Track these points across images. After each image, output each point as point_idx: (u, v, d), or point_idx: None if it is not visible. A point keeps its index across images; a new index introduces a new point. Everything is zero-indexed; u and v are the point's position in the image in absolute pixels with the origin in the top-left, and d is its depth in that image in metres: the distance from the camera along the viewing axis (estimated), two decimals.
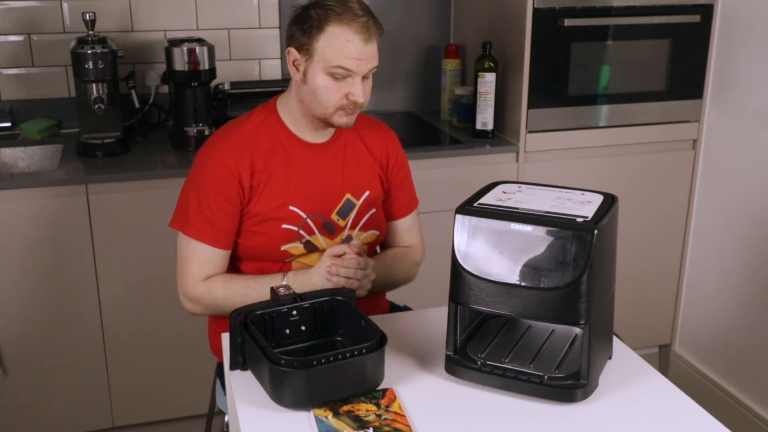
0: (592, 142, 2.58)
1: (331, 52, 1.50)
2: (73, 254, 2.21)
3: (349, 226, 1.67)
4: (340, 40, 1.50)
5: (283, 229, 1.61)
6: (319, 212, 1.63)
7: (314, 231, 1.64)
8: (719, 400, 2.66)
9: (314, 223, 1.63)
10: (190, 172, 1.64)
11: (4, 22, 2.53)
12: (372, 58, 1.54)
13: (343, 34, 1.50)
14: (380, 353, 1.29)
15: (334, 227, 1.65)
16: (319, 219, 1.63)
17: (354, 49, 1.50)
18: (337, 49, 1.50)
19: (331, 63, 1.51)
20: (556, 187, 1.40)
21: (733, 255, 2.62)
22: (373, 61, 1.55)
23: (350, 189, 1.67)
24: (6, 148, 2.51)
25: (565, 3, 2.42)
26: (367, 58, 1.53)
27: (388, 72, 2.96)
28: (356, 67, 1.52)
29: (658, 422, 1.26)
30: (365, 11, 1.54)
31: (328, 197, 1.65)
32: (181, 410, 2.44)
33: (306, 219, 1.62)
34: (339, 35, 1.50)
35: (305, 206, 1.62)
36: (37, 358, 2.28)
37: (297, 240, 1.62)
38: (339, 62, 1.51)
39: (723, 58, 2.60)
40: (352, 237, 1.67)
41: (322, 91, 1.54)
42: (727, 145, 2.61)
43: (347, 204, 1.66)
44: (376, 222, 1.71)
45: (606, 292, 1.33)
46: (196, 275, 1.59)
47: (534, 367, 1.34)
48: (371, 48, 1.53)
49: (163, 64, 2.51)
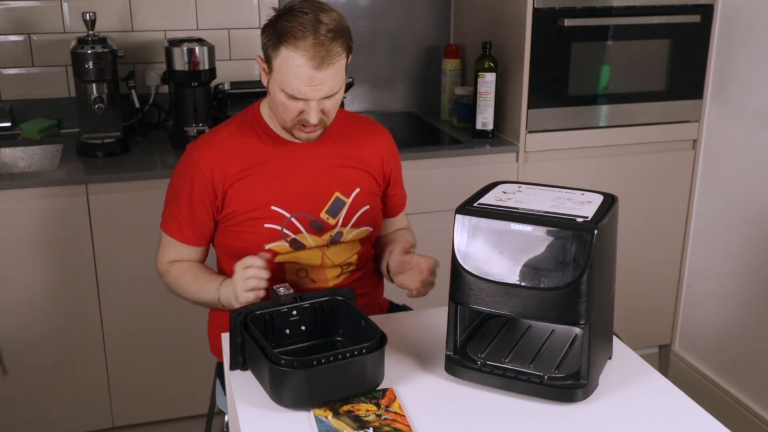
0: (592, 142, 2.58)
1: (284, 76, 1.49)
2: (73, 254, 2.21)
3: (340, 223, 1.67)
4: (292, 65, 1.47)
5: (266, 228, 1.62)
6: (306, 211, 1.64)
7: (300, 230, 1.64)
8: (719, 400, 2.66)
9: (300, 222, 1.64)
10: (173, 173, 1.71)
11: (4, 22, 2.53)
12: (328, 83, 1.50)
13: (295, 60, 1.46)
14: (380, 353, 1.29)
15: (323, 225, 1.66)
16: (306, 218, 1.64)
17: (305, 75, 1.47)
18: (289, 74, 1.48)
19: (282, 85, 1.50)
20: (556, 187, 1.40)
21: (733, 255, 2.62)
22: (329, 87, 1.51)
23: (339, 187, 1.67)
24: (6, 148, 2.51)
25: (565, 3, 2.42)
26: (320, 84, 1.49)
27: (388, 72, 2.96)
28: (307, 94, 1.49)
29: (658, 422, 1.26)
30: (332, 33, 1.48)
31: (316, 196, 1.65)
32: (181, 410, 2.44)
33: (290, 218, 1.63)
34: (291, 60, 1.47)
35: (289, 205, 1.63)
36: (37, 358, 2.28)
37: (281, 239, 1.63)
38: (289, 86, 1.49)
39: (723, 58, 2.60)
40: (343, 234, 1.67)
41: (279, 107, 1.55)
42: (727, 145, 2.61)
43: (337, 202, 1.66)
44: (369, 219, 1.71)
45: (606, 292, 1.33)
46: (163, 256, 1.72)
47: (534, 367, 1.34)
48: (325, 74, 1.48)
49: (163, 64, 2.51)
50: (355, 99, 2.94)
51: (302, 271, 1.68)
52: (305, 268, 1.67)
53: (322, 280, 1.69)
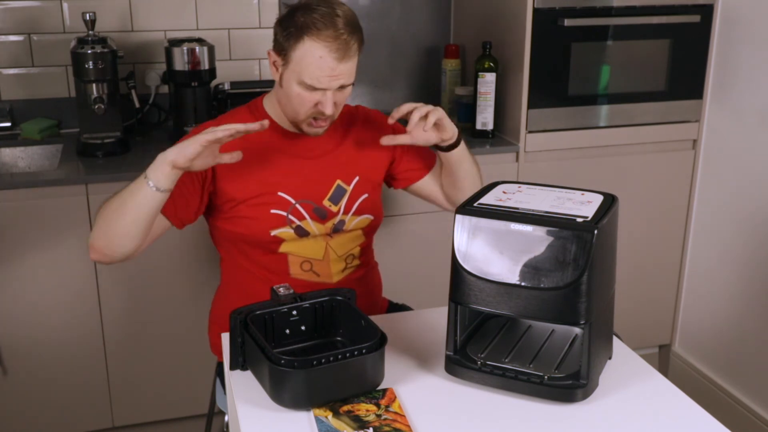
0: (592, 142, 2.58)
1: (305, 66, 1.52)
2: (73, 254, 2.21)
3: (342, 210, 1.70)
4: (314, 56, 1.51)
5: (272, 213, 1.64)
6: (310, 198, 1.67)
7: (305, 216, 1.66)
8: (719, 400, 2.66)
9: (305, 209, 1.66)
10: None
11: (4, 22, 2.53)
12: (345, 75, 1.55)
13: (318, 51, 1.51)
14: (380, 353, 1.29)
15: (326, 212, 1.68)
16: (310, 204, 1.67)
17: (327, 66, 1.52)
18: (311, 65, 1.52)
19: (302, 76, 1.53)
20: (556, 187, 1.40)
21: (733, 255, 2.62)
22: (346, 78, 1.56)
23: (340, 175, 1.70)
24: (6, 148, 2.51)
25: (565, 3, 2.42)
26: (339, 75, 1.54)
27: (388, 72, 2.96)
28: (327, 84, 1.54)
29: (658, 422, 1.26)
30: (349, 27, 1.53)
31: (318, 183, 1.68)
32: (181, 410, 2.44)
33: (295, 204, 1.65)
34: (314, 51, 1.51)
35: (294, 192, 1.65)
36: (37, 358, 2.28)
37: (287, 225, 1.65)
38: (310, 77, 1.53)
39: (723, 58, 2.60)
40: (345, 222, 1.70)
41: (294, 99, 1.57)
42: (727, 145, 2.61)
43: (338, 189, 1.69)
44: (370, 206, 1.73)
45: (606, 292, 1.33)
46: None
47: (534, 367, 1.34)
48: (345, 66, 1.54)
49: (163, 64, 2.51)
50: (355, 99, 2.93)
51: (306, 264, 1.69)
52: (309, 261, 1.69)
53: (326, 274, 1.71)
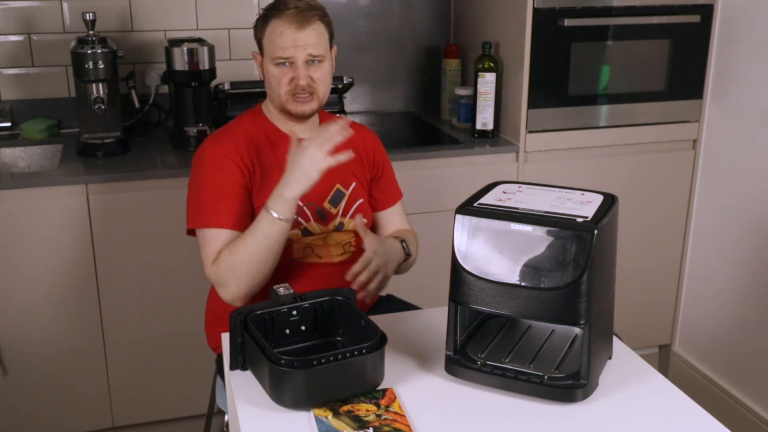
0: (592, 142, 2.58)
1: (272, 45, 1.67)
2: (73, 254, 2.21)
3: (340, 213, 1.77)
4: (277, 32, 1.66)
5: None
6: (313, 200, 1.73)
7: (309, 218, 1.74)
8: (719, 400, 2.66)
9: (309, 211, 1.73)
10: (191, 175, 1.72)
11: (4, 22, 2.53)
12: (311, 44, 1.67)
13: (279, 27, 1.66)
14: (380, 353, 1.29)
15: (327, 214, 1.75)
16: (313, 206, 1.74)
17: (289, 37, 1.65)
18: (275, 40, 1.67)
19: (272, 54, 1.68)
20: (556, 187, 1.40)
21: (733, 255, 2.62)
22: (313, 48, 1.67)
23: (339, 179, 1.77)
24: (6, 148, 2.51)
25: (565, 3, 2.42)
26: (304, 44, 1.66)
27: (388, 72, 2.96)
28: (293, 53, 1.66)
29: (658, 422, 1.26)
30: (304, 3, 1.68)
31: (320, 186, 1.69)
32: (181, 410, 2.44)
33: (303, 207, 1.72)
34: (276, 28, 1.67)
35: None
36: (37, 358, 2.27)
37: (296, 227, 1.71)
38: (277, 52, 1.67)
39: (723, 58, 2.60)
40: (343, 224, 1.77)
41: (273, 81, 1.70)
42: (727, 145, 2.61)
43: (338, 193, 1.77)
44: (364, 211, 1.81)
45: (606, 292, 1.33)
46: (208, 256, 1.63)
47: (534, 367, 1.34)
48: (306, 35, 1.66)
49: (163, 64, 2.51)
50: (355, 99, 2.94)
51: (308, 249, 1.75)
52: (311, 246, 1.75)
53: (327, 255, 1.76)
